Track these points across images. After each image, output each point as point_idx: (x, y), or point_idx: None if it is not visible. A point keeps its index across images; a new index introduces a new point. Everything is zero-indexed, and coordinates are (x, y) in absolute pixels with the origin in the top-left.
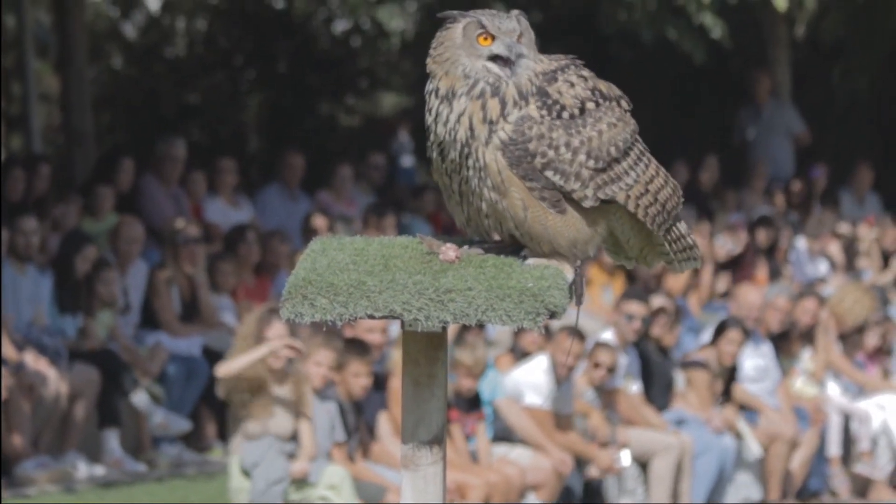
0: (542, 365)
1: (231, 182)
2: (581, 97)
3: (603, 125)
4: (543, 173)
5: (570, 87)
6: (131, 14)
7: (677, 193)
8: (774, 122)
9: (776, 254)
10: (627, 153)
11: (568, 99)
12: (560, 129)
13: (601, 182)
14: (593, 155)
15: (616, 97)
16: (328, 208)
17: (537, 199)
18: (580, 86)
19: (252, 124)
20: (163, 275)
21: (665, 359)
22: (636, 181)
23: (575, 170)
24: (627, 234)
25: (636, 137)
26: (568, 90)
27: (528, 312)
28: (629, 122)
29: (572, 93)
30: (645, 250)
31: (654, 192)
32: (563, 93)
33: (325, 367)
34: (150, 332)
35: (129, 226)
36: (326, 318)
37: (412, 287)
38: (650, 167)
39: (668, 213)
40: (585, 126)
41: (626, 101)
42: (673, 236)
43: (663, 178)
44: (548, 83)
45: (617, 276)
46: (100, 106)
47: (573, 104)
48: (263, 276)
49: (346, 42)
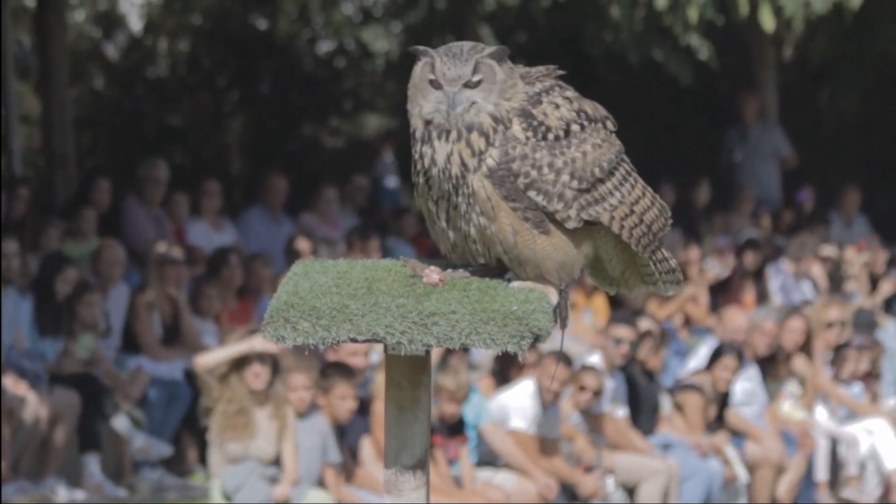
0: (528, 389)
1: (215, 204)
2: (566, 119)
3: (587, 146)
4: (526, 193)
5: (555, 108)
6: (113, 34)
7: (664, 215)
8: (762, 144)
9: (763, 277)
10: (612, 174)
11: (553, 121)
12: (544, 149)
13: (585, 203)
14: (577, 175)
15: (601, 118)
16: (311, 231)
17: (521, 220)
18: (565, 107)
19: (235, 146)
20: (144, 298)
21: (651, 382)
22: (621, 202)
23: (558, 190)
24: (611, 255)
25: (622, 158)
26: (553, 112)
27: (513, 336)
28: (614, 143)
29: (557, 115)
30: (627, 273)
31: (639, 213)
32: (549, 114)
33: (303, 389)
34: (131, 356)
35: (111, 248)
36: (308, 341)
37: (395, 310)
38: (636, 188)
39: (653, 234)
40: (570, 147)
41: (612, 121)
42: (658, 257)
43: (650, 200)
44: (532, 105)
45: (597, 298)
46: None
47: (558, 126)
48: (246, 299)
49: (330, 63)
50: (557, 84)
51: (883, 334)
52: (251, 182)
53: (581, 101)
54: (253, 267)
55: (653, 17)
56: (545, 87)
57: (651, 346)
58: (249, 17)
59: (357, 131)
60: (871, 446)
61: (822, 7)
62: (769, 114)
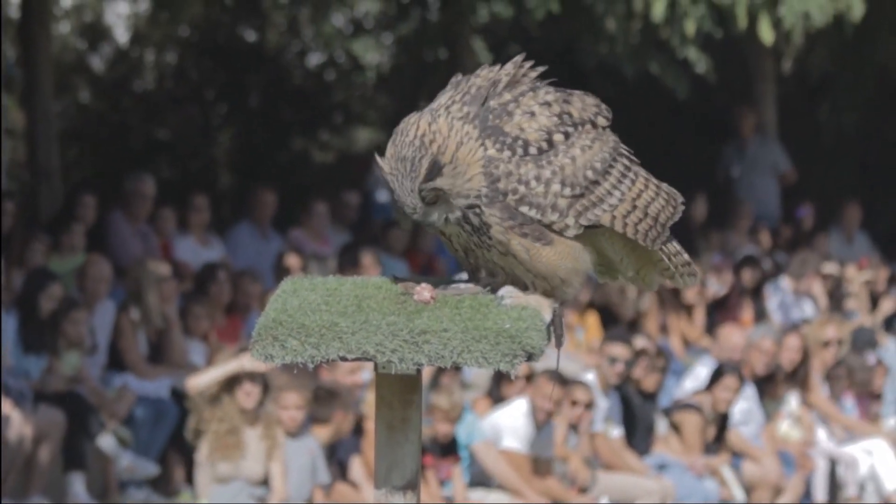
0: (522, 408)
1: (202, 219)
2: (546, 127)
3: (576, 150)
4: (519, 209)
5: (530, 119)
6: (99, 46)
7: (672, 203)
8: (759, 159)
9: (762, 295)
10: (608, 173)
11: (532, 133)
12: (529, 162)
13: (581, 208)
14: (568, 182)
15: (589, 118)
16: (301, 247)
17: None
18: (544, 115)
19: (223, 160)
20: (130, 315)
21: (647, 402)
22: (621, 199)
23: (550, 201)
24: (620, 254)
25: (619, 151)
26: (529, 124)
27: (505, 354)
28: (607, 140)
29: (535, 125)
30: (643, 270)
31: (643, 207)
32: (525, 128)
33: (295, 409)
34: (116, 374)
35: (97, 264)
36: (297, 360)
37: (386, 328)
38: (637, 181)
39: (661, 225)
40: (557, 154)
41: (605, 114)
42: (671, 250)
43: (654, 190)
44: (501, 121)
45: (589, 315)
46: (66, 141)
47: (538, 137)
48: (234, 316)
49: (319, 76)
50: (532, 88)
51: (883, 353)
52: (239, 197)
53: (564, 103)
54: (241, 283)
55: (649, 30)
56: (516, 95)
57: (646, 366)
58: (238, 28)
59: (347, 145)
60: (870, 467)
61: (821, 19)
62: (767, 128)
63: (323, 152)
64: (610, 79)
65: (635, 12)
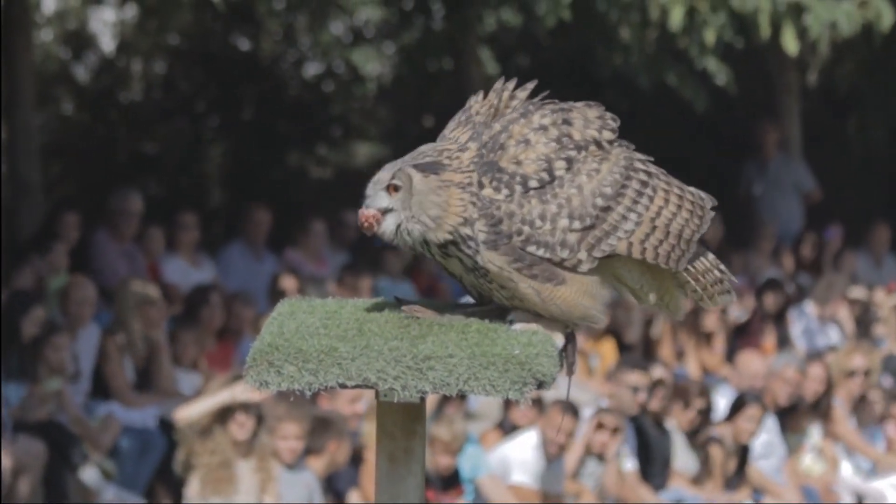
0: (531, 440)
1: (192, 239)
2: (545, 156)
3: (582, 177)
4: (526, 251)
5: (526, 149)
6: (83, 55)
7: (697, 213)
8: (782, 177)
9: (785, 320)
10: (621, 195)
11: (529, 165)
12: (532, 198)
13: (594, 240)
14: (576, 215)
15: (593, 137)
16: (297, 268)
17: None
18: (541, 142)
19: (214, 176)
20: (115, 340)
21: (663, 434)
22: (637, 223)
23: (559, 238)
24: (639, 282)
25: (632, 167)
26: (526, 155)
27: (514, 382)
28: (616, 159)
29: (532, 156)
30: (666, 296)
31: (663, 226)
32: (522, 160)
33: (293, 439)
34: (101, 402)
35: (80, 286)
36: (294, 387)
37: (388, 354)
38: (656, 197)
39: (687, 242)
40: (562, 185)
41: (610, 125)
42: (698, 269)
43: (675, 204)
44: (496, 154)
45: (605, 342)
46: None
47: (538, 168)
48: (226, 341)
49: (317, 87)
50: (524, 113)
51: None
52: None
53: (563, 124)
54: (234, 307)
55: (666, 39)
56: (506, 122)
57: (663, 396)
58: (231, 36)
59: (346, 160)
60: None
61: (849, 29)
62: (791, 144)
63: (320, 168)
64: (624, 91)
65: (651, 20)
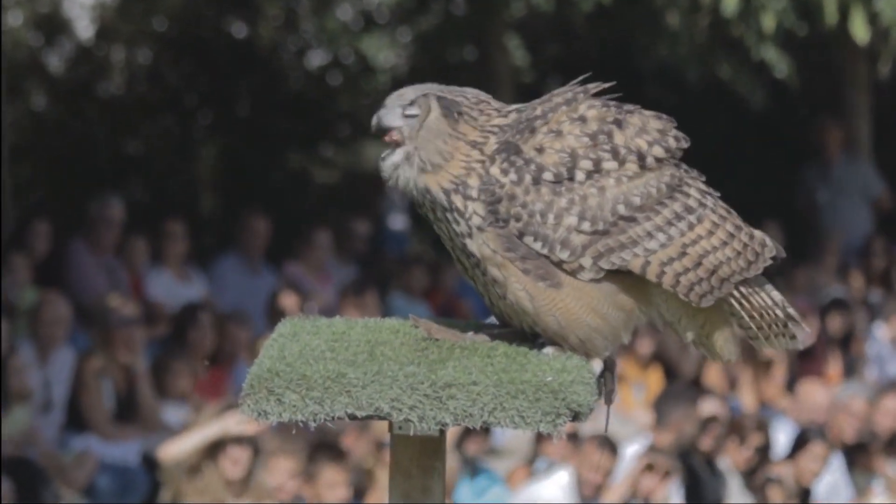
0: (563, 480)
1: (180, 250)
2: (571, 149)
3: (608, 179)
4: (522, 240)
5: (555, 138)
6: (57, 42)
7: (748, 255)
8: (848, 182)
9: (852, 345)
10: (653, 211)
11: (551, 156)
12: (543, 187)
13: (603, 248)
14: (588, 216)
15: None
16: (299, 283)
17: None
18: (573, 134)
19: (206, 180)
20: (93, 364)
21: (714, 475)
22: (664, 245)
23: (561, 235)
24: (677, 314)
25: (679, 187)
26: (552, 144)
27: (546, 413)
28: (661, 173)
29: (557, 146)
30: (713, 335)
31: (696, 256)
32: (545, 148)
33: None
34: (76, 435)
35: (53, 304)
36: (297, 417)
37: (403, 380)
38: (700, 226)
39: (720, 280)
40: (584, 182)
41: (668, 144)
42: (755, 305)
43: (720, 239)
44: (522, 137)
45: (652, 370)
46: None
47: (558, 161)
48: (219, 367)
49: (322, 79)
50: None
51: None
52: (225, 223)
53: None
54: (227, 328)
55: (719, 26)
56: (549, 107)
57: (717, 435)
58: (224, 22)
59: (355, 162)
60: None
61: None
62: (859, 145)
63: (325, 171)
64: (670, 85)
65: (702, 4)
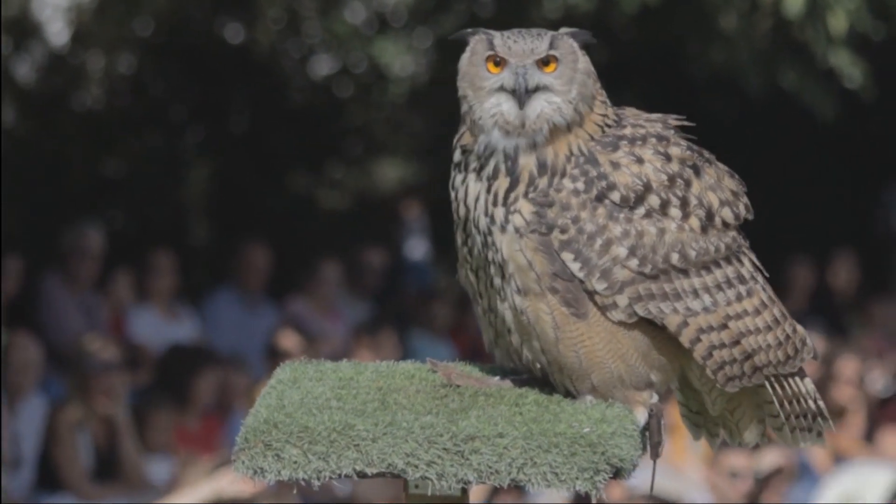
0: None
1: (167, 285)
2: (646, 178)
3: (670, 223)
4: (560, 255)
5: (634, 162)
6: (27, 48)
7: (788, 350)
8: None
9: None
10: (707, 269)
11: (624, 176)
12: (601, 207)
13: (644, 292)
14: (639, 253)
15: (709, 206)
16: (303, 322)
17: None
18: (653, 165)
19: (196, 205)
20: (68, 415)
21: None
22: (708, 309)
23: (605, 263)
24: (708, 385)
25: (738, 255)
26: (630, 166)
27: (584, 469)
28: (724, 237)
29: (635, 170)
30: (738, 412)
31: (736, 332)
32: (622, 166)
33: None
34: (49, 495)
35: (22, 346)
36: (298, 475)
37: (420, 433)
38: (749, 300)
39: (753, 367)
40: (647, 216)
41: (738, 210)
42: (787, 392)
43: (765, 323)
44: (604, 149)
45: None
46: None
47: (629, 183)
48: (211, 417)
49: (329, 90)
50: (665, 135)
51: None
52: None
53: (690, 168)
54: (221, 373)
55: (782, 29)
56: (639, 134)
57: (782, 488)
58: (218, 25)
59: (367, 184)
60: None
61: None
62: None
63: (334, 194)
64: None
65: (762, 4)
